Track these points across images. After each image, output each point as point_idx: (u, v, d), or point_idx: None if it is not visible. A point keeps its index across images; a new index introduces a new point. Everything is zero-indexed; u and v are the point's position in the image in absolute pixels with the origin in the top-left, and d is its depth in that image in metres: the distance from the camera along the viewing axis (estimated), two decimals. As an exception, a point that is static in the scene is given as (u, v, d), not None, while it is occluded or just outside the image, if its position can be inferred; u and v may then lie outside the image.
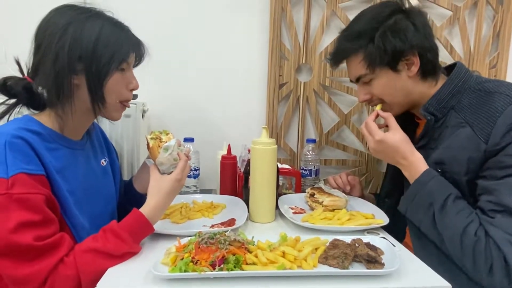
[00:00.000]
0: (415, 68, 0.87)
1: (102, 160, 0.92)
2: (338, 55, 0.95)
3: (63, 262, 0.65)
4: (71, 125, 0.79)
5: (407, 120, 1.02)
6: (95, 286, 0.61)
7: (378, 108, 0.95)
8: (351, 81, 0.99)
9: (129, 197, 0.97)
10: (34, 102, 0.78)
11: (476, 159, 0.79)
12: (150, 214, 0.75)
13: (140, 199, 0.92)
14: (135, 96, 1.13)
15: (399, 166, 0.89)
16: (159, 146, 0.82)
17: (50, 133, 0.76)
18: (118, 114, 0.84)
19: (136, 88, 0.84)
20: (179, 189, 0.82)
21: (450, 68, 0.92)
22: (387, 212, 1.01)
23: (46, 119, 0.77)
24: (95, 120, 0.89)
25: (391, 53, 0.85)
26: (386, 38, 0.85)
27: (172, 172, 0.82)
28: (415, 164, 0.85)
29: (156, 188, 0.79)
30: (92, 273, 0.65)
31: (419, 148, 0.90)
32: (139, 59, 0.86)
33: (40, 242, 0.64)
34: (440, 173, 0.83)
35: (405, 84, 0.89)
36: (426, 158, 0.87)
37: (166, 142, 0.83)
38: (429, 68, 0.88)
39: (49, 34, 0.73)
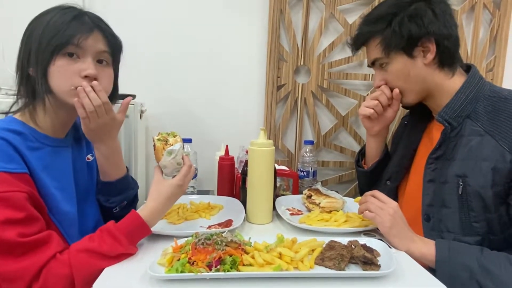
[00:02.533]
0: (430, 56, 0.86)
1: (88, 156, 0.91)
2: (358, 39, 0.96)
3: (56, 260, 0.65)
4: (48, 122, 0.78)
5: (418, 116, 1.01)
6: (90, 286, 0.61)
7: (355, 200, 0.93)
8: (368, 65, 0.99)
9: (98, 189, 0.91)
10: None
11: (503, 170, 0.77)
12: (148, 217, 0.75)
13: (103, 188, 0.88)
14: (133, 97, 1.13)
15: (410, 245, 0.78)
16: (163, 148, 0.81)
17: (32, 132, 0.75)
18: (71, 100, 0.74)
19: (90, 74, 0.74)
20: (180, 194, 0.81)
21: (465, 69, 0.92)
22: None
23: (27, 118, 0.77)
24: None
25: (407, 38, 0.85)
26: (402, 23, 0.85)
27: (175, 176, 0.81)
28: (422, 239, 0.80)
29: (156, 192, 0.78)
30: (86, 273, 0.65)
31: (435, 159, 0.89)
32: (111, 49, 0.79)
33: (24, 238, 0.63)
34: (462, 186, 0.81)
35: (420, 71, 0.88)
36: (445, 169, 0.86)
37: (172, 144, 0.82)
38: (447, 57, 0.87)
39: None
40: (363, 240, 0.78)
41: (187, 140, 1.27)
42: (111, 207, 0.90)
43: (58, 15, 0.74)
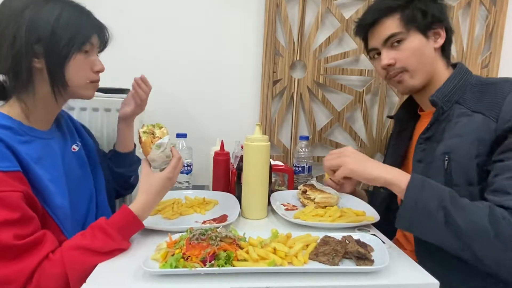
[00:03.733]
0: (441, 40, 0.91)
1: (74, 146, 0.90)
2: (372, 14, 0.94)
3: (49, 260, 0.64)
4: (38, 114, 0.77)
5: (408, 115, 1.06)
6: (84, 283, 0.61)
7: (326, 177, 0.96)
8: (370, 50, 0.97)
9: (116, 162, 1.05)
10: None
11: (487, 140, 0.78)
12: (139, 211, 0.75)
13: (125, 160, 1.06)
14: (127, 91, 1.12)
15: (381, 173, 0.80)
16: (151, 142, 0.81)
17: (20, 126, 0.74)
18: (90, 92, 0.83)
19: (102, 70, 0.83)
20: (169, 187, 0.81)
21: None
22: (381, 203, 1.02)
23: (12, 110, 0.75)
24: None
25: (431, 17, 0.89)
26: (427, 3, 0.90)
27: (164, 168, 0.81)
28: (397, 169, 0.82)
29: (146, 185, 0.78)
30: (80, 271, 0.64)
31: (425, 139, 0.92)
32: (103, 44, 0.85)
33: (20, 241, 0.63)
34: (448, 162, 0.83)
35: (431, 53, 0.92)
36: (432, 151, 0.88)
37: (160, 137, 0.81)
38: (448, 47, 0.93)
39: (5, 17, 0.71)
40: (357, 235, 0.79)
41: (182, 135, 1.26)
42: (130, 175, 1.08)
43: (68, 10, 0.74)
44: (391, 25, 0.91)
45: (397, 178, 0.78)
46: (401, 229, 0.78)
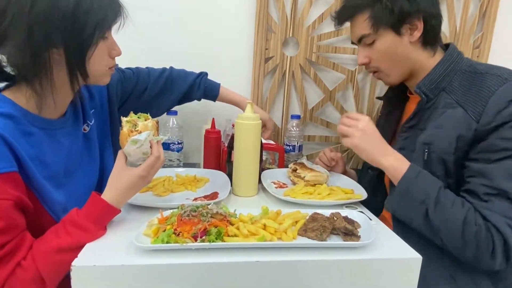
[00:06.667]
0: (417, 33, 0.87)
1: (84, 126, 0.86)
2: (344, 12, 0.94)
3: (21, 267, 0.62)
4: (51, 103, 0.72)
5: (397, 96, 1.05)
6: (62, 276, 0.61)
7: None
8: (352, 42, 0.98)
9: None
10: None
11: (466, 138, 0.80)
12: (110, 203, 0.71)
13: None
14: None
15: (380, 159, 0.85)
16: (129, 135, 0.74)
17: (25, 114, 0.69)
18: (107, 78, 0.79)
19: (119, 54, 0.78)
20: (142, 185, 0.75)
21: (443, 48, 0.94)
22: (369, 182, 1.04)
23: (21, 96, 0.69)
24: None
25: (397, 14, 0.85)
26: None
27: (140, 164, 0.74)
28: (397, 156, 0.85)
29: (115, 180, 0.72)
30: (56, 272, 0.63)
31: (408, 128, 0.92)
32: (117, 24, 0.77)
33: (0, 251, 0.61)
34: (427, 153, 0.84)
35: (405, 50, 0.89)
36: (415, 138, 0.88)
37: (140, 131, 0.74)
38: (431, 36, 0.89)
39: (17, 4, 0.63)
40: (344, 212, 0.81)
41: (172, 113, 1.25)
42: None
43: None
44: (360, 25, 0.90)
45: (396, 168, 0.83)
46: (387, 211, 0.84)
